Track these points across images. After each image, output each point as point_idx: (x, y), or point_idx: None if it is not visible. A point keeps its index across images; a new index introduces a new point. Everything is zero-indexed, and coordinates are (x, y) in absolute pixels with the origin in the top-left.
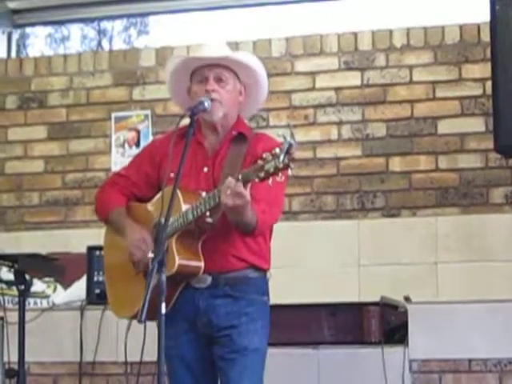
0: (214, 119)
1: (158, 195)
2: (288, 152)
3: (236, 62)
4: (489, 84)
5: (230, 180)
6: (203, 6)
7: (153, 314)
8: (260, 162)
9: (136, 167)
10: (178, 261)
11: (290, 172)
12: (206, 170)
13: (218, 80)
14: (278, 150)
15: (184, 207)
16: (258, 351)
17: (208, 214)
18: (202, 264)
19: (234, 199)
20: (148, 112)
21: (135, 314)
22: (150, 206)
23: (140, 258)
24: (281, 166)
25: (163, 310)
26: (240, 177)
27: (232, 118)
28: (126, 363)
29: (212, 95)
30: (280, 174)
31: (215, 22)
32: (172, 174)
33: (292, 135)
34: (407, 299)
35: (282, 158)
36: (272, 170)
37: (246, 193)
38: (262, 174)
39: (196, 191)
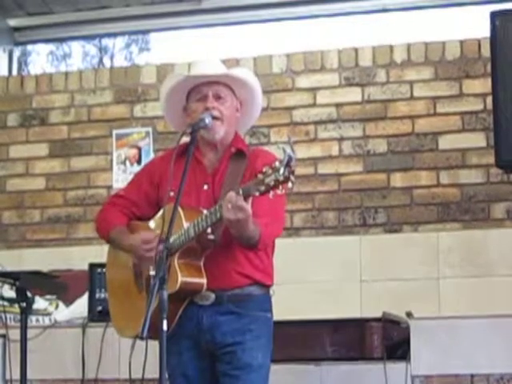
0: (215, 138)
1: (160, 213)
2: (288, 165)
3: (234, 79)
4: (490, 99)
5: (231, 194)
6: (203, 23)
7: (156, 332)
8: (260, 176)
9: (135, 187)
10: (180, 278)
11: (290, 185)
12: (205, 187)
13: (217, 97)
14: (277, 164)
15: (186, 225)
16: (261, 368)
17: (209, 230)
18: (204, 281)
19: (236, 213)
20: (149, 129)
21: (139, 333)
22: (151, 225)
23: (148, 255)
24: (281, 178)
25: (165, 327)
26: (241, 191)
27: (230, 134)
28: (130, 380)
29: (213, 112)
30: (280, 187)
31: (216, 38)
32: (172, 193)
33: (291, 148)
34: (409, 315)
35: (282, 170)
36: (272, 183)
37: (247, 206)
38: (262, 188)
39: (197, 208)
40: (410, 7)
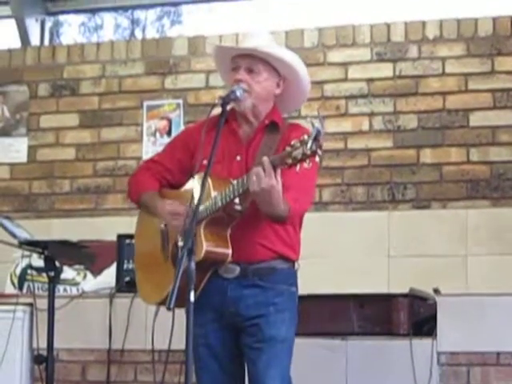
0: (241, 108)
1: (190, 182)
2: (316, 139)
3: (268, 55)
4: None
5: (257, 167)
6: None
7: (181, 301)
8: (288, 149)
9: (170, 153)
10: (205, 247)
11: (317, 159)
12: (238, 158)
13: (249, 71)
14: (306, 137)
15: (213, 194)
16: (285, 341)
17: (237, 200)
18: (229, 251)
19: (261, 183)
20: (180, 101)
21: (163, 299)
22: (181, 193)
23: (176, 224)
24: (308, 152)
25: (192, 298)
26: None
27: (265, 108)
28: (153, 351)
29: (241, 85)
30: (308, 161)
31: (248, 11)
32: (205, 161)
33: (321, 122)
34: (436, 291)
35: (309, 144)
36: (300, 156)
37: (276, 175)
38: (289, 161)
39: (227, 179)
40: None
